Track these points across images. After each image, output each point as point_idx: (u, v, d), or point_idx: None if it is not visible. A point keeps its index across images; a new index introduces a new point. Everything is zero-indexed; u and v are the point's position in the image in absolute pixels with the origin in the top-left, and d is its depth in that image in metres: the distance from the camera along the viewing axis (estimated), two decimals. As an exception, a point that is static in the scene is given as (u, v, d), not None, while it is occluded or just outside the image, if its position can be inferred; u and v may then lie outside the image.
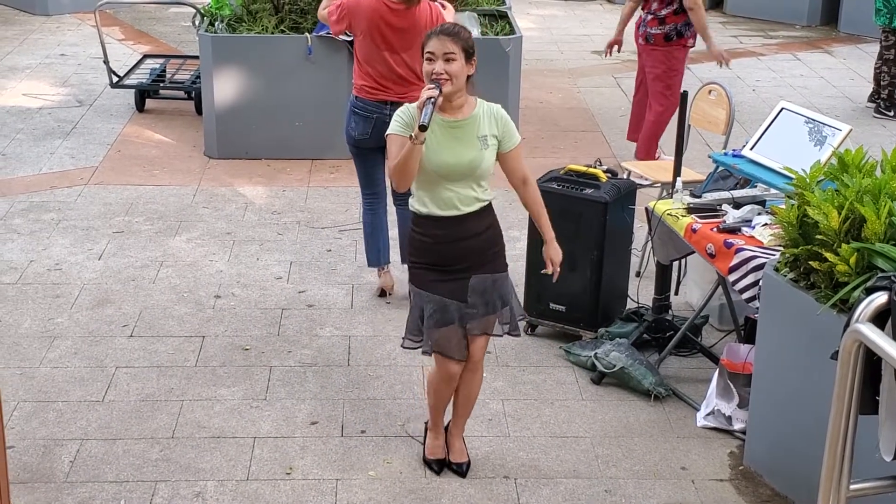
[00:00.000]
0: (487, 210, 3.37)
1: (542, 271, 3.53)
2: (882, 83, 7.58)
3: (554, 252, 3.48)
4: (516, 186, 3.44)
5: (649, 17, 6.03)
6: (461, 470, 3.59)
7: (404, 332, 3.46)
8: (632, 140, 6.52)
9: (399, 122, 3.28)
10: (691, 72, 8.41)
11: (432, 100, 3.12)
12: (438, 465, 3.61)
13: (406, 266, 3.74)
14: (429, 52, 3.21)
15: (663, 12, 5.96)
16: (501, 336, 3.48)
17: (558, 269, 3.48)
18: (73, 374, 4.16)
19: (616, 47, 6.47)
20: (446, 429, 3.65)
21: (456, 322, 3.33)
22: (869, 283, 2.62)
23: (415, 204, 3.36)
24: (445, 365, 3.41)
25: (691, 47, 6.13)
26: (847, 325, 2.45)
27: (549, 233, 3.48)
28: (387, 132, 3.31)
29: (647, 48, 6.12)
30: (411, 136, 3.13)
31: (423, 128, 3.10)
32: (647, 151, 6.19)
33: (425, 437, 3.67)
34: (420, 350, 3.43)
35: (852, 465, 2.44)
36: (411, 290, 3.40)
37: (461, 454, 3.61)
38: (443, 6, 4.59)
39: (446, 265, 3.32)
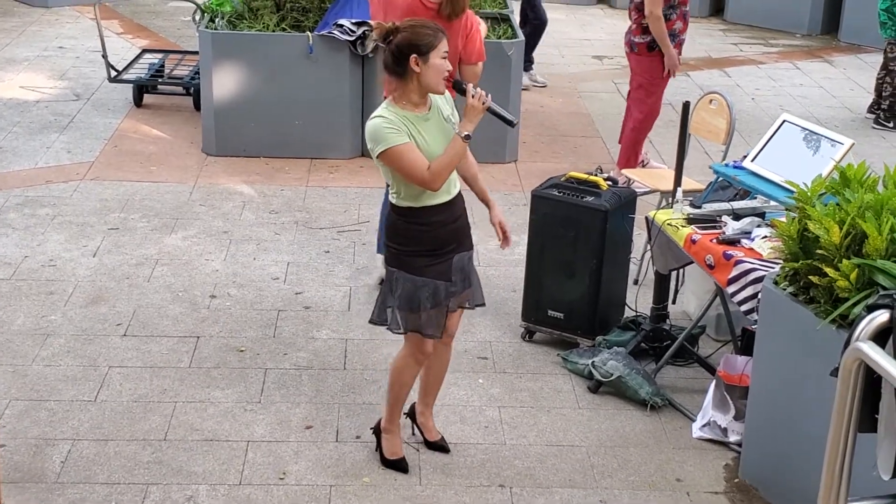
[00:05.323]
0: (460, 192, 3.54)
1: (501, 246, 3.57)
2: (883, 94, 7.56)
3: (502, 216, 3.58)
4: None
5: (633, 25, 6.04)
6: (446, 446, 3.69)
7: (389, 318, 3.45)
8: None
9: (393, 132, 3.28)
10: (691, 79, 8.42)
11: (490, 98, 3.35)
12: (405, 463, 3.62)
13: None
14: (446, 51, 3.33)
15: (644, 21, 5.96)
16: (473, 309, 3.63)
17: (511, 237, 3.56)
18: (65, 373, 4.14)
19: None
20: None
21: (443, 302, 3.43)
22: (870, 301, 2.60)
23: (403, 202, 3.38)
24: (425, 346, 3.49)
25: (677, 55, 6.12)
26: (847, 342, 2.43)
27: (489, 196, 3.59)
28: (386, 148, 3.26)
29: (631, 56, 6.13)
30: (466, 135, 3.29)
31: (514, 123, 3.44)
32: (628, 159, 6.17)
33: (379, 443, 3.65)
34: (398, 333, 3.48)
35: (850, 483, 2.42)
36: (399, 276, 3.40)
37: (436, 432, 3.72)
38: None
39: (437, 249, 3.41)
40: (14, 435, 3.73)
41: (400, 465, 3.61)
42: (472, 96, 3.31)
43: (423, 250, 3.39)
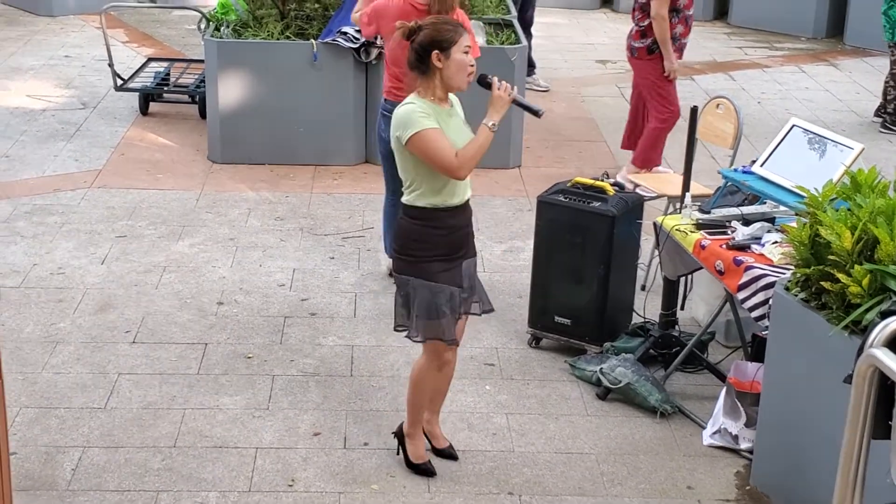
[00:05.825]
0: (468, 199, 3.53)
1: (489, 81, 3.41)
2: (888, 97, 7.55)
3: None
4: None
5: (634, 29, 6.03)
6: (454, 453, 3.68)
7: (412, 327, 3.44)
8: (626, 148, 6.51)
9: (424, 116, 3.30)
10: (696, 83, 8.41)
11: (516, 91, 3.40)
12: (430, 466, 3.61)
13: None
14: (468, 46, 3.36)
15: (645, 23, 5.95)
16: (480, 315, 3.61)
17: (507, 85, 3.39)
18: (75, 381, 4.14)
19: None
20: None
21: (458, 308, 3.43)
22: (884, 307, 2.60)
23: (422, 200, 3.36)
24: (444, 353, 3.49)
25: (677, 59, 6.10)
26: (861, 348, 2.43)
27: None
28: (417, 131, 3.26)
29: (633, 61, 6.13)
30: (493, 125, 3.33)
31: (541, 114, 3.48)
32: (644, 160, 6.15)
33: (403, 448, 3.64)
34: (416, 341, 3.49)
35: (864, 490, 2.41)
36: (416, 284, 3.38)
37: (444, 439, 3.70)
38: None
39: (451, 254, 3.41)
40: (25, 442, 3.73)
41: (425, 469, 3.61)
42: (498, 88, 3.36)
43: (438, 255, 3.38)
